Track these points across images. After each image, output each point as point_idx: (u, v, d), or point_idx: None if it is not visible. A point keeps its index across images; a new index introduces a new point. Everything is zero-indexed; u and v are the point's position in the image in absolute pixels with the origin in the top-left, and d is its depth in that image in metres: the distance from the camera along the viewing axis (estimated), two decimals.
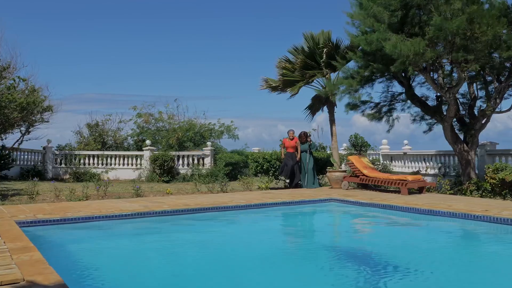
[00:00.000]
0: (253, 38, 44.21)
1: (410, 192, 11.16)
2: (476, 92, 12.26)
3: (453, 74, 12.06)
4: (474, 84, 12.23)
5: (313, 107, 15.01)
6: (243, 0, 40.97)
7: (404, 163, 16.60)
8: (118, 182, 17.61)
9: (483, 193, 10.58)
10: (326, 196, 10.86)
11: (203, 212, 8.91)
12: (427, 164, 15.26)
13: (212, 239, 7.19)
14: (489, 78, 11.75)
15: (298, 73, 13.59)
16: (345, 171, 13.19)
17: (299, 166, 13.88)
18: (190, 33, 42.59)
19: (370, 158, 16.46)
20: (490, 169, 10.32)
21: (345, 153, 18.16)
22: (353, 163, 12.50)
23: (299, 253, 6.16)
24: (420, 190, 11.24)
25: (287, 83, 13.77)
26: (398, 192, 11.63)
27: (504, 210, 8.02)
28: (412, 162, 16.08)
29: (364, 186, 12.73)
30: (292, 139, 14.00)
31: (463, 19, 9.43)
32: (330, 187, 13.24)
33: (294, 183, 13.81)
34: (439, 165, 14.51)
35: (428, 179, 13.85)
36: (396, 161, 17.12)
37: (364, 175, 12.05)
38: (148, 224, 8.05)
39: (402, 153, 16.92)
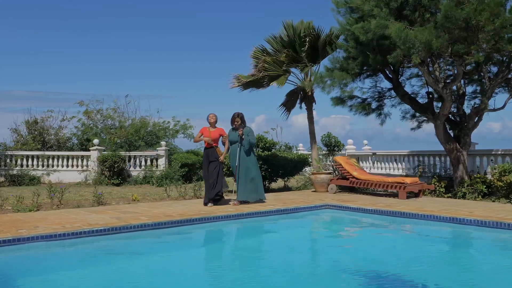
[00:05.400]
0: (211, 37, 42.58)
1: (407, 196, 10.20)
2: (464, 89, 11.59)
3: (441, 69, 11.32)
4: (462, 81, 11.55)
5: (288, 104, 13.75)
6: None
7: (373, 164, 15.80)
8: (62, 185, 15.50)
9: (481, 196, 9.88)
10: (319, 201, 9.64)
11: (189, 224, 7.39)
12: (399, 165, 14.56)
13: (217, 261, 5.74)
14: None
15: (284, 64, 12.25)
16: (331, 173, 12.07)
17: (221, 168, 9.38)
18: (141, 31, 40.27)
19: None
20: (496, 171, 9.58)
21: (309, 153, 17.23)
22: (341, 165, 11.40)
23: (316, 276, 4.86)
24: (417, 194, 10.32)
25: (272, 76, 12.32)
26: (392, 195, 10.67)
27: None
28: (382, 163, 15.32)
29: (350, 189, 11.68)
30: (214, 128, 9.50)
31: (473, 6, 8.58)
32: (314, 190, 12.06)
33: (213, 196, 9.11)
34: (414, 165, 13.83)
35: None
36: (364, 162, 16.28)
37: (354, 177, 10.98)
38: (128, 243, 6.45)
39: (371, 153, 16.13)
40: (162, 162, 18.24)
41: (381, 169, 15.15)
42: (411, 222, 7.80)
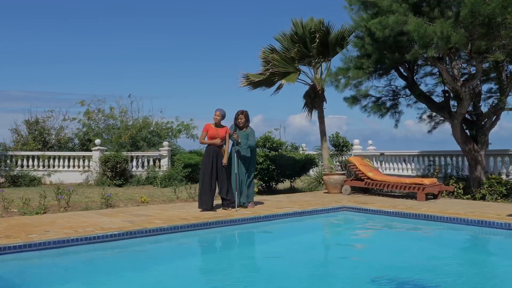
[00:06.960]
0: (211, 37, 42.23)
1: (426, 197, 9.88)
2: (479, 87, 11.30)
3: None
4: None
5: (307, 105, 13.43)
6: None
7: (380, 164, 15.47)
8: (63, 186, 15.12)
9: (500, 197, 9.61)
10: (336, 203, 9.32)
11: (206, 228, 7.03)
12: (408, 165, 14.25)
13: (239, 266, 5.39)
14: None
15: (296, 61, 11.90)
16: (344, 174, 11.74)
17: (227, 172, 8.56)
18: (141, 31, 39.87)
19: (343, 159, 15.17)
20: None
21: (315, 153, 16.91)
22: (355, 165, 11.08)
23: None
24: (435, 195, 10.01)
25: (282, 73, 11.98)
26: (409, 197, 10.35)
27: None
28: (390, 163, 14.98)
29: (364, 190, 11.35)
30: (220, 126, 8.57)
31: (499, 1, 8.26)
32: (326, 191, 11.73)
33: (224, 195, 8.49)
34: (424, 165, 13.52)
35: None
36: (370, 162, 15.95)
37: (369, 178, 10.66)
38: (147, 248, 6.09)
39: (378, 153, 15.81)
40: (164, 162, 17.89)
41: (389, 169, 14.83)
42: (436, 225, 7.46)
